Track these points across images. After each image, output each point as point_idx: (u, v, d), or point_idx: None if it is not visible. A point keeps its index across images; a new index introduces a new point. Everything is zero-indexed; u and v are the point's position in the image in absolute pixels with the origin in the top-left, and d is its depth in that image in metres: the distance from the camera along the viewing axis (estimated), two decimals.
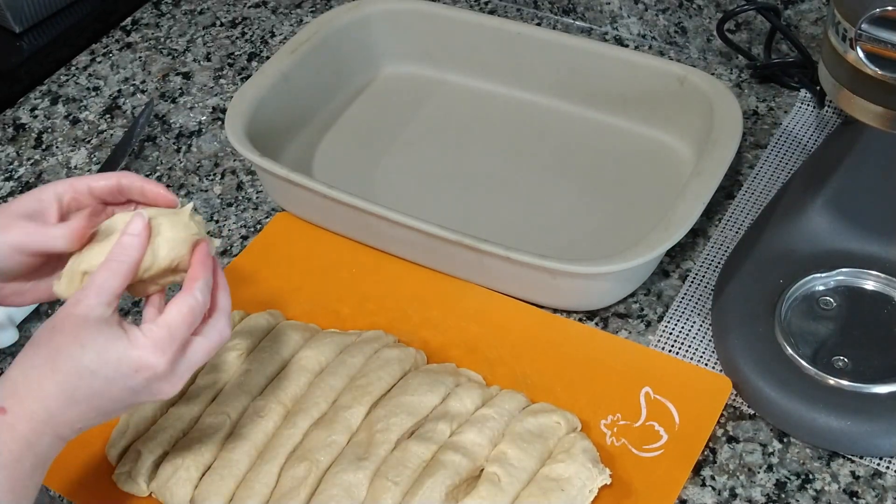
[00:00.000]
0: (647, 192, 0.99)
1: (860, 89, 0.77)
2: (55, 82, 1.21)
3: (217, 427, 0.80)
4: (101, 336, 0.65)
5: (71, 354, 0.64)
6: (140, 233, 0.68)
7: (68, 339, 0.64)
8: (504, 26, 1.07)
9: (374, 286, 0.94)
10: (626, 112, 1.04)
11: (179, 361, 0.67)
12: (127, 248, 0.67)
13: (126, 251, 0.67)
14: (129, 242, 0.67)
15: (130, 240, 0.67)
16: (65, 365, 0.64)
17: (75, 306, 0.65)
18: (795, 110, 1.05)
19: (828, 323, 0.85)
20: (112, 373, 0.65)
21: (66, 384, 0.64)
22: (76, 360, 0.64)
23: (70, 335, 0.64)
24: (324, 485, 0.76)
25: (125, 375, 0.65)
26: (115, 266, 0.66)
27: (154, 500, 0.80)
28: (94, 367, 0.64)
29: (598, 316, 0.91)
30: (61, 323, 0.65)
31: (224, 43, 1.23)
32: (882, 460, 0.79)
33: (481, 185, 1.02)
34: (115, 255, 0.67)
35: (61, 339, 0.64)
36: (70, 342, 0.64)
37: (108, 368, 0.64)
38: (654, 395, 0.83)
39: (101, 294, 0.65)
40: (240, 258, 0.97)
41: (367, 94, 1.13)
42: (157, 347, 0.66)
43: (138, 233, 0.67)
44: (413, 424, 0.79)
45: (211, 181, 1.07)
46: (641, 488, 0.77)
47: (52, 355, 0.64)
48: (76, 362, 0.64)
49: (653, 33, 1.15)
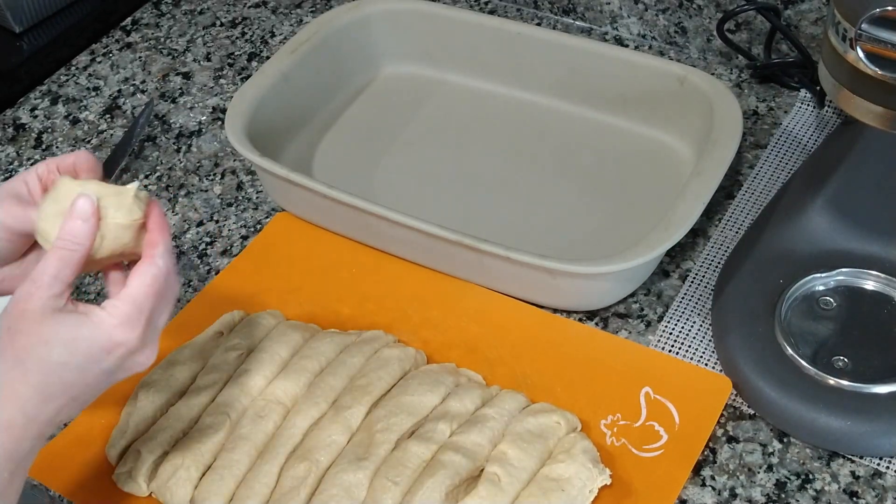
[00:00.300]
0: (647, 192, 0.99)
1: (860, 89, 0.77)
2: (55, 82, 1.21)
3: (217, 427, 0.80)
4: (62, 327, 0.63)
5: (38, 354, 0.63)
6: (89, 218, 0.66)
7: (31, 339, 0.63)
8: (504, 26, 1.07)
9: (374, 286, 0.94)
10: (626, 112, 1.04)
11: (149, 331, 0.66)
12: (77, 235, 0.65)
13: (76, 238, 0.65)
14: (78, 230, 0.65)
15: (80, 226, 0.65)
16: (34, 366, 0.63)
17: (27, 301, 0.64)
18: (795, 110, 1.05)
19: (828, 323, 0.85)
20: (83, 360, 0.64)
21: (40, 384, 0.63)
22: (44, 358, 0.63)
23: (32, 334, 0.63)
24: (324, 485, 0.76)
25: (97, 360, 0.64)
26: (66, 255, 0.65)
27: (154, 500, 0.79)
28: (65, 360, 0.63)
29: (598, 316, 0.91)
30: (17, 322, 0.64)
31: (224, 43, 1.23)
32: (882, 460, 0.79)
33: (481, 185, 1.02)
34: (64, 243, 0.65)
35: (23, 339, 0.63)
36: (34, 342, 0.63)
37: (78, 357, 0.63)
38: (654, 395, 0.83)
39: (53, 286, 0.64)
40: (240, 258, 0.97)
41: (367, 94, 1.13)
42: (125, 323, 0.64)
43: (86, 218, 0.66)
44: (413, 424, 0.79)
45: (211, 181, 1.07)
46: (641, 488, 0.77)
47: (19, 358, 0.63)
48: (45, 360, 0.63)
49: (653, 33, 1.15)
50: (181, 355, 0.87)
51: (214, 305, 0.92)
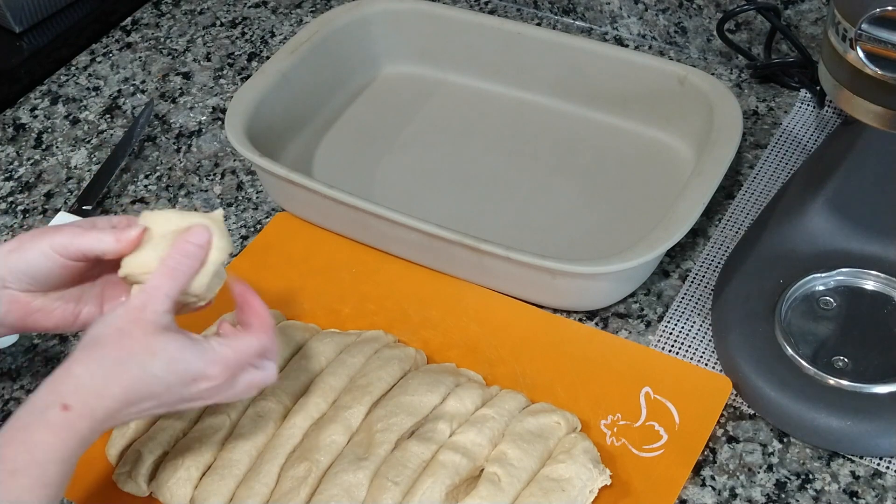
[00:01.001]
0: (647, 192, 0.99)
1: (860, 89, 0.77)
2: (55, 82, 1.21)
3: (217, 427, 0.80)
4: (172, 344, 0.66)
5: (142, 361, 0.65)
6: (204, 245, 0.69)
7: (139, 346, 0.65)
8: (504, 26, 1.07)
9: (374, 286, 0.94)
10: (626, 112, 1.04)
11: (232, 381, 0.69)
12: (190, 257, 0.68)
13: (188, 260, 0.68)
14: (192, 252, 0.68)
15: (194, 250, 0.68)
16: (134, 370, 0.65)
17: (142, 311, 0.66)
18: (795, 110, 1.05)
19: (828, 323, 0.85)
20: (174, 380, 0.66)
21: (131, 388, 0.65)
22: (146, 367, 0.65)
23: (141, 341, 0.65)
24: (324, 485, 0.76)
25: (185, 383, 0.67)
26: (178, 275, 0.68)
27: (154, 500, 0.79)
28: (161, 374, 0.66)
29: (598, 316, 0.91)
30: (129, 326, 0.66)
31: (224, 43, 1.23)
32: (882, 460, 0.79)
33: (481, 185, 1.02)
34: (176, 262, 0.68)
35: (131, 344, 0.65)
36: (141, 349, 0.65)
37: (173, 376, 0.66)
38: (654, 395, 0.83)
39: (165, 301, 0.67)
40: (240, 258, 0.97)
41: (367, 94, 1.13)
42: (222, 364, 0.67)
43: (202, 244, 0.68)
44: (413, 424, 0.79)
45: (211, 181, 1.07)
46: (641, 488, 0.77)
47: (122, 359, 0.65)
48: (145, 369, 0.65)
49: (653, 33, 1.15)
50: None
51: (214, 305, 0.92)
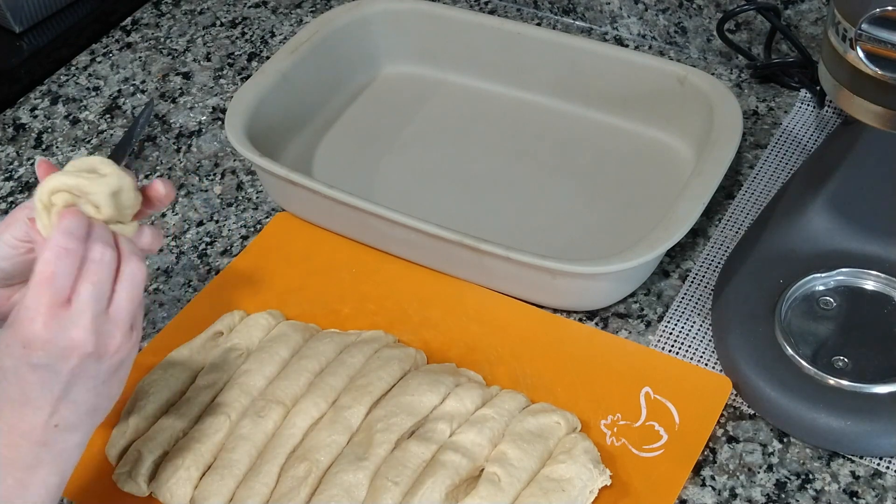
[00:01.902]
0: (647, 192, 0.99)
1: (860, 89, 0.77)
2: (55, 82, 1.21)
3: (217, 427, 0.80)
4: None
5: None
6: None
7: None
8: (504, 26, 1.07)
9: (374, 286, 0.94)
10: (626, 112, 1.04)
11: (102, 321, 0.64)
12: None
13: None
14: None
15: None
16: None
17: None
18: (795, 110, 1.05)
19: (828, 323, 0.85)
20: (12, 362, 0.63)
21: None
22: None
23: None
24: (324, 485, 0.76)
25: (17, 356, 0.63)
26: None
27: (154, 500, 0.79)
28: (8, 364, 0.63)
29: (598, 316, 0.91)
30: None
31: (224, 43, 1.23)
32: (882, 460, 0.79)
33: (481, 185, 1.02)
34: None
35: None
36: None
37: (7, 359, 0.63)
38: (654, 395, 0.83)
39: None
40: (240, 258, 0.97)
41: (367, 94, 1.13)
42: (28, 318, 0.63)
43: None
44: (413, 424, 0.79)
45: (211, 181, 1.07)
46: (641, 488, 0.77)
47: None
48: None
49: (653, 33, 1.15)
50: (181, 355, 0.87)
51: (214, 305, 0.92)
